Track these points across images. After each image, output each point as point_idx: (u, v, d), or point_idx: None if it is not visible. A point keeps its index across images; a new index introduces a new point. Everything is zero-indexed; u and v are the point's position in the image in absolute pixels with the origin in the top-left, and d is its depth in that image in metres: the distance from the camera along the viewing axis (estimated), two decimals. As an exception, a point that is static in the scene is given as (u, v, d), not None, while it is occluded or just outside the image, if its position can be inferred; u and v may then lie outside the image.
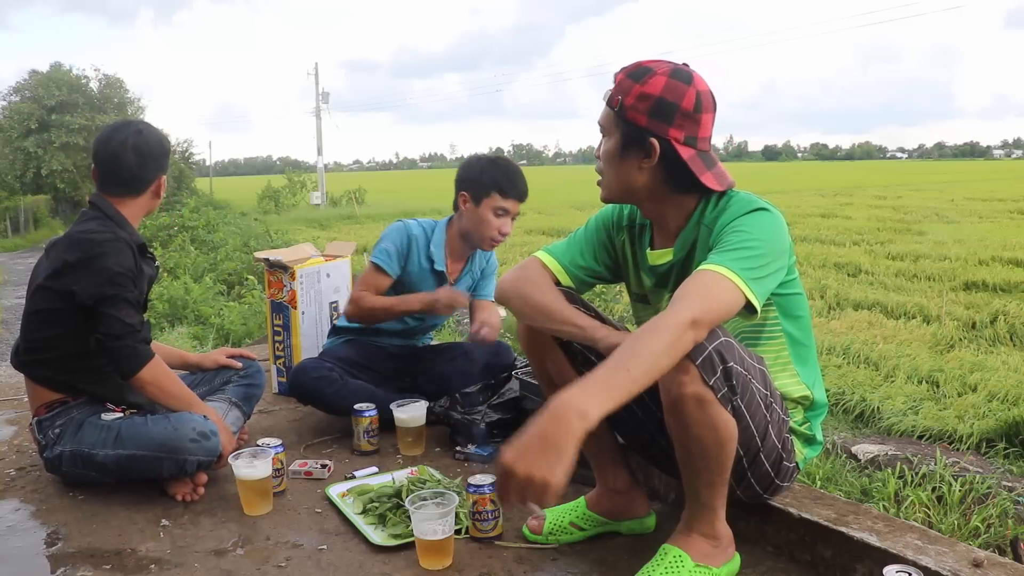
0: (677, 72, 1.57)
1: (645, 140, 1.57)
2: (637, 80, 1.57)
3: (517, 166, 2.68)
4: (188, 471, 2.09)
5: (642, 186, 1.63)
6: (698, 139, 1.58)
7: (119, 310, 2.04)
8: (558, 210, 22.97)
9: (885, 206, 21.60)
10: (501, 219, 2.60)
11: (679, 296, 1.42)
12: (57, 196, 29.41)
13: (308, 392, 2.61)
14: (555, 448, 1.23)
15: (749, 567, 1.69)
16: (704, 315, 1.39)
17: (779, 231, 1.54)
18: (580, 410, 1.24)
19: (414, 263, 2.71)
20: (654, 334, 1.35)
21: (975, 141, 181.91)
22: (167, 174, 2.27)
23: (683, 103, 1.55)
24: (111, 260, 2.04)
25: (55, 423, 2.13)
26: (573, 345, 1.77)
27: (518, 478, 1.23)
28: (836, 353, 6.01)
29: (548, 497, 1.23)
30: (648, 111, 1.55)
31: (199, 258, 12.28)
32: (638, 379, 1.30)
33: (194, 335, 7.29)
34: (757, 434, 1.56)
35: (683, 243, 1.67)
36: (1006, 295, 8.43)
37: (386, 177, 63.61)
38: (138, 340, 2.07)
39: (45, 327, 2.11)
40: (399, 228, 2.74)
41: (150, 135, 2.19)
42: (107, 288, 2.03)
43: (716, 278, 1.43)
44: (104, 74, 31.21)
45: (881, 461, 3.60)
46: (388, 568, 1.76)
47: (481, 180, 2.59)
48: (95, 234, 2.08)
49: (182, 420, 2.09)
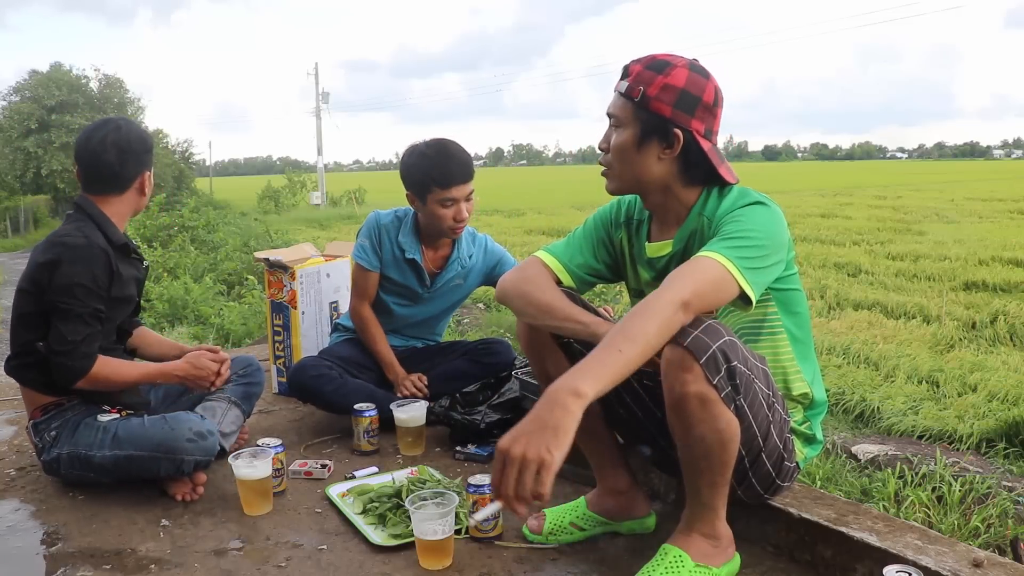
0: (694, 66, 1.60)
1: (668, 131, 1.58)
2: (659, 72, 1.58)
3: (452, 148, 2.57)
4: (185, 471, 2.09)
5: (656, 177, 1.63)
6: (713, 133, 1.62)
7: (66, 324, 2.02)
8: (558, 210, 22.97)
9: (885, 206, 21.59)
10: (451, 208, 2.56)
11: (671, 278, 1.43)
12: (57, 196, 29.40)
13: (307, 390, 2.61)
14: (551, 427, 1.22)
15: (749, 567, 1.69)
16: (695, 298, 1.39)
17: (777, 224, 1.55)
18: (573, 388, 1.24)
19: (387, 251, 2.72)
20: (645, 315, 1.35)
21: (975, 141, 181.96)
22: (152, 170, 2.25)
23: (704, 96, 1.58)
24: (76, 269, 2.02)
25: (51, 426, 2.13)
26: (573, 345, 1.77)
27: (514, 459, 1.20)
28: (836, 353, 6.00)
29: (546, 476, 1.19)
30: (673, 102, 1.57)
31: (199, 258, 12.28)
32: (631, 359, 1.30)
33: (194, 335, 7.29)
34: (759, 434, 1.56)
35: (683, 235, 1.67)
36: (1006, 295, 8.42)
37: (386, 177, 63.57)
38: (76, 358, 2.03)
39: (28, 331, 2.10)
40: (369, 220, 2.76)
41: (130, 131, 2.17)
42: (62, 299, 2.02)
43: (710, 264, 1.43)
44: (104, 74, 31.29)
45: (881, 461, 3.60)
46: (388, 568, 1.76)
47: (417, 178, 2.57)
48: (68, 238, 2.07)
49: (179, 420, 2.09)
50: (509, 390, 2.57)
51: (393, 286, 2.75)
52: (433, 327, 2.94)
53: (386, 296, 2.76)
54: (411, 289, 2.75)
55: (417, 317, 2.84)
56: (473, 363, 2.74)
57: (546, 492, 1.20)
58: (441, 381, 2.70)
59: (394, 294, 2.76)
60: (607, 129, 1.68)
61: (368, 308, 2.76)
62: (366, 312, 2.75)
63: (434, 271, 2.75)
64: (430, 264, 2.74)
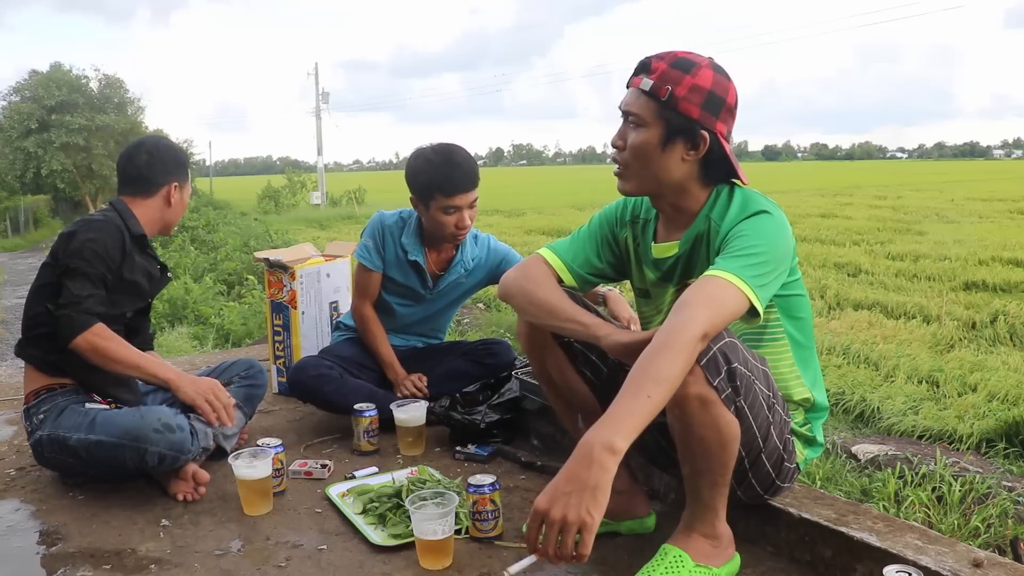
0: (716, 66, 1.60)
1: (695, 132, 1.56)
2: (686, 71, 1.55)
3: (458, 155, 2.55)
4: (149, 463, 2.03)
5: (676, 178, 1.61)
6: (730, 134, 1.62)
7: (74, 281, 2.10)
8: (558, 210, 22.98)
9: (885, 206, 21.58)
10: (453, 216, 2.55)
11: (687, 303, 1.41)
12: (57, 196, 29.42)
13: (307, 389, 2.61)
14: (588, 487, 1.20)
15: (749, 567, 1.69)
16: (713, 328, 1.39)
17: (782, 235, 1.55)
18: (607, 444, 1.23)
19: (390, 252, 2.72)
20: (670, 354, 1.33)
21: (975, 141, 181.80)
22: (183, 186, 2.37)
23: (728, 98, 1.58)
24: (90, 234, 2.16)
25: (40, 409, 2.15)
26: (574, 344, 1.77)
27: (554, 521, 1.19)
28: (836, 353, 6.00)
29: (588, 538, 1.19)
30: (701, 103, 1.55)
31: (199, 258, 12.30)
32: (658, 403, 1.29)
33: (194, 335, 7.30)
34: (759, 435, 1.56)
35: (689, 237, 1.67)
36: (1006, 295, 8.43)
37: (386, 177, 63.61)
38: (79, 310, 2.08)
39: (40, 301, 2.17)
40: (374, 220, 2.76)
41: (165, 142, 2.38)
42: (73, 259, 2.12)
43: (722, 284, 1.43)
44: (104, 74, 31.24)
45: (881, 461, 3.60)
46: (388, 568, 1.75)
47: (421, 184, 2.55)
48: (92, 216, 2.24)
49: (151, 411, 2.10)
50: (509, 390, 2.57)
51: (396, 287, 2.75)
52: (435, 326, 2.93)
53: (389, 296, 2.76)
54: (414, 290, 2.75)
55: (419, 316, 2.84)
56: (474, 364, 2.74)
57: (588, 553, 1.20)
58: (441, 381, 2.70)
59: (397, 295, 2.76)
60: (621, 127, 1.63)
61: (370, 307, 2.76)
62: (368, 311, 2.75)
63: (437, 273, 2.75)
64: (433, 266, 2.74)
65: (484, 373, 2.67)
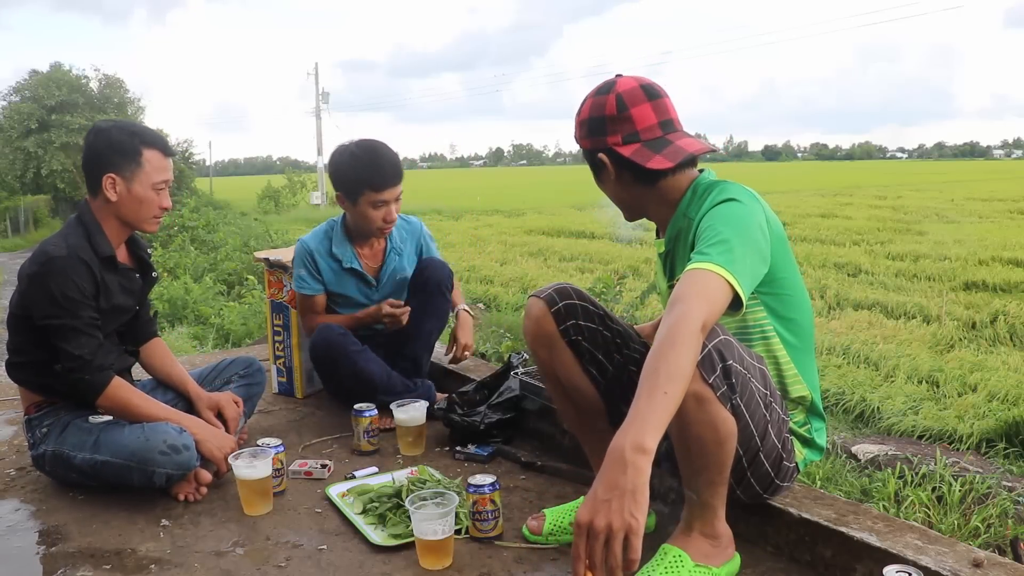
0: (600, 88, 1.67)
1: (596, 159, 1.67)
2: (577, 115, 1.70)
3: (382, 150, 2.61)
4: (156, 483, 2.05)
5: (626, 196, 1.73)
6: (639, 132, 1.63)
7: (68, 342, 2.02)
8: (558, 210, 22.96)
9: (885, 206, 21.59)
10: (381, 209, 2.60)
11: (679, 298, 1.41)
12: (57, 196, 29.38)
13: (333, 347, 2.57)
14: (627, 490, 1.19)
15: (749, 567, 1.69)
16: (709, 317, 1.39)
17: (750, 219, 1.53)
18: (637, 445, 1.22)
19: (325, 270, 2.75)
20: (677, 348, 1.32)
21: (975, 141, 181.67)
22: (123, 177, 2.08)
23: (606, 111, 1.64)
24: (56, 282, 2.00)
25: (43, 422, 2.14)
26: (581, 343, 1.77)
27: (599, 531, 1.17)
28: (836, 353, 6.01)
29: (636, 541, 1.17)
30: (586, 135, 1.68)
31: (199, 258, 12.29)
32: (676, 398, 1.29)
33: (194, 335, 7.29)
34: (756, 433, 1.56)
35: (671, 235, 1.72)
36: (1006, 295, 8.43)
37: (386, 177, 62.36)
38: (92, 371, 2.04)
39: (18, 333, 2.13)
40: (298, 250, 2.79)
41: (106, 127, 2.11)
42: (54, 315, 2.01)
43: (703, 275, 1.42)
44: (104, 74, 31.23)
45: (881, 461, 3.60)
46: (388, 568, 1.76)
47: (349, 179, 2.59)
48: (51, 247, 2.04)
49: (156, 431, 2.05)
50: (508, 389, 2.57)
51: (343, 299, 2.80)
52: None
53: (341, 309, 2.81)
54: (361, 294, 2.79)
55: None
56: (415, 289, 2.74)
57: (639, 558, 1.18)
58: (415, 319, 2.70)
59: (347, 305, 2.81)
60: None
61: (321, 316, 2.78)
62: (320, 318, 2.76)
63: (375, 267, 2.79)
64: (369, 262, 2.79)
65: (426, 287, 2.69)
